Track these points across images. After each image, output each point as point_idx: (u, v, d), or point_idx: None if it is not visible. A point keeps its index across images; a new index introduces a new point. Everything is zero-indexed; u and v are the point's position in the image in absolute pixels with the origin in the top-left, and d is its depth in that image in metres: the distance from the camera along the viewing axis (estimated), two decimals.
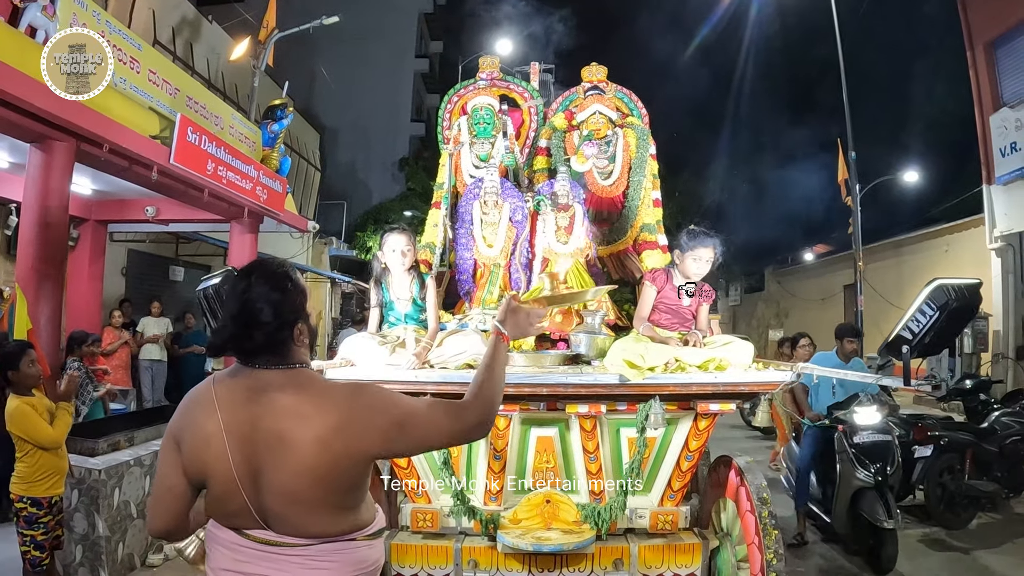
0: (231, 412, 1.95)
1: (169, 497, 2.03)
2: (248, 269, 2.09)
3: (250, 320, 1.98)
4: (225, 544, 1.99)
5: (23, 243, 6.76)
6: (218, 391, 2.00)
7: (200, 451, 1.96)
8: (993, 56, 16.56)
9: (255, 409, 1.94)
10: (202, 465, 1.96)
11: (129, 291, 13.92)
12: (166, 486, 2.04)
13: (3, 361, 4.63)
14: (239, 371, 2.05)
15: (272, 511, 1.93)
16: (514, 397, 3.97)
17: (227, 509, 1.97)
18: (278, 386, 1.98)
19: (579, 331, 4.57)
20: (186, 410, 2.06)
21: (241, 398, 1.96)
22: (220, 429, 1.93)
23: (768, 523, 3.87)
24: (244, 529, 1.97)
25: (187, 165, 7.93)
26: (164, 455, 2.06)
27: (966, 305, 3.17)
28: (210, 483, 1.98)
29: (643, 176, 5.65)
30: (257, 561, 1.95)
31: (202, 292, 3.60)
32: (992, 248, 16.56)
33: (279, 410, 1.93)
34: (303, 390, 1.98)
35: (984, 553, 6.95)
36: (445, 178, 5.87)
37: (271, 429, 1.91)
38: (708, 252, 4.57)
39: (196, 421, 1.99)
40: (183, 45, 17.79)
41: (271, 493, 1.92)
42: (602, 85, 6.02)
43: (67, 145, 6.69)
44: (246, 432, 1.92)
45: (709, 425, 4.19)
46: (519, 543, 3.96)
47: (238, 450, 1.91)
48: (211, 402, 1.98)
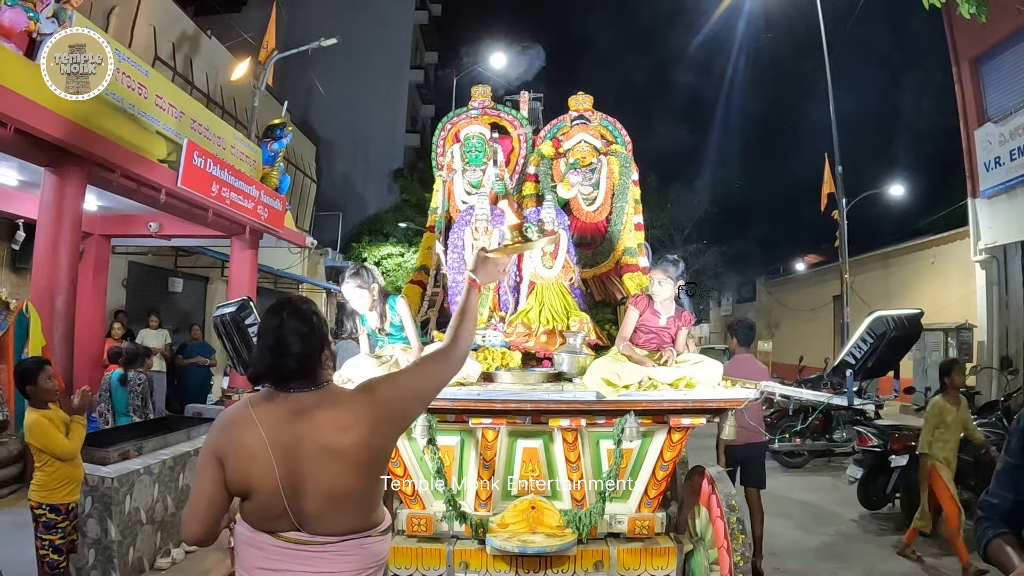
0: (274, 432, 2.24)
1: (209, 508, 2.29)
2: (278, 307, 2.40)
3: (284, 351, 2.30)
4: (258, 545, 2.27)
5: (38, 262, 6.98)
6: (258, 413, 2.28)
7: (246, 467, 2.23)
8: (978, 72, 16.74)
9: (296, 429, 2.24)
10: (247, 479, 2.24)
11: (129, 302, 14.13)
12: (207, 498, 2.29)
13: (22, 376, 4.86)
14: (274, 395, 2.34)
15: (309, 514, 2.23)
16: (502, 411, 4.28)
17: (267, 515, 2.25)
18: (313, 406, 2.29)
19: (562, 351, 4.87)
20: (225, 430, 2.32)
21: (283, 419, 2.26)
22: (266, 447, 2.21)
23: (736, 528, 4.17)
24: (279, 532, 2.26)
25: (193, 188, 8.21)
26: (204, 470, 2.30)
27: (906, 334, 3.50)
28: (254, 494, 2.25)
29: (625, 202, 5.95)
30: (289, 559, 2.24)
31: (219, 319, 3.89)
32: (977, 260, 16.73)
33: (320, 427, 2.24)
34: (336, 405, 2.30)
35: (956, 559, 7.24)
36: (439, 203, 6.18)
37: (316, 443, 2.22)
38: (669, 274, 4.79)
39: (239, 440, 2.26)
40: (183, 60, 18.03)
41: (312, 498, 2.22)
42: (588, 114, 6.32)
43: (80, 169, 6.94)
44: (291, 449, 2.22)
45: (682, 438, 4.49)
46: (506, 546, 4.25)
47: (283, 464, 2.20)
48: (253, 423, 2.26)
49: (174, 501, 6.51)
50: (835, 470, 11.46)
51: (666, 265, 4.79)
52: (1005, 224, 15.72)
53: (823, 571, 7.07)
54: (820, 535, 8.25)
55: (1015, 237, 15.55)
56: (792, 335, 31.20)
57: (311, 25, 29.57)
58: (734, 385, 4.51)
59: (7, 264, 10.43)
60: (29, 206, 9.21)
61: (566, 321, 5.16)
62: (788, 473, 11.75)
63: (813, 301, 29.02)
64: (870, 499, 8.90)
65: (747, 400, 4.30)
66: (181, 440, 7.41)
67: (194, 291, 17.96)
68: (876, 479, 8.73)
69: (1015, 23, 11.85)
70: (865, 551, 7.72)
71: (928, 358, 18.72)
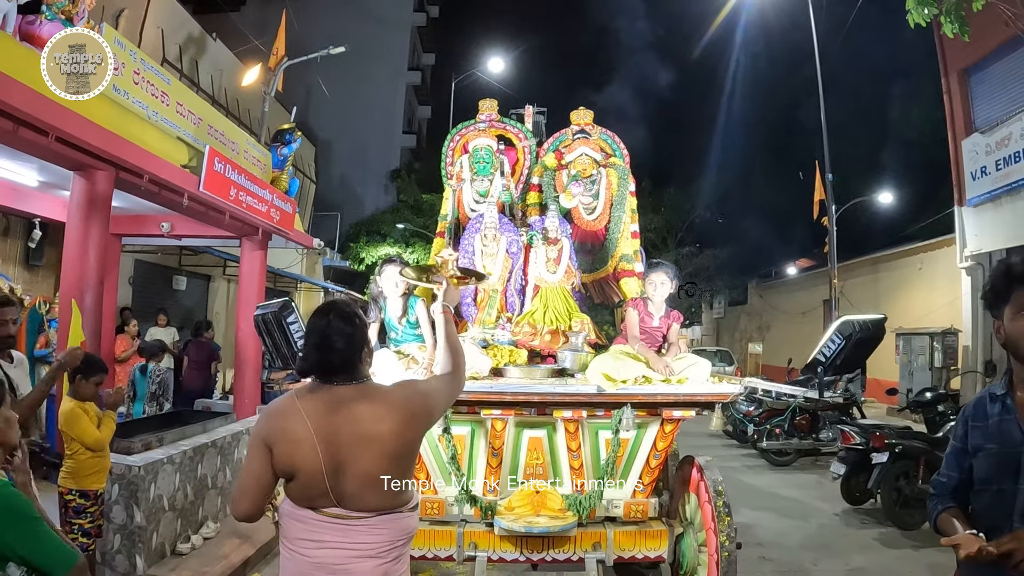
0: (318, 421, 2.55)
1: (257, 487, 2.60)
2: (325, 309, 2.75)
3: (330, 349, 2.65)
4: (301, 519, 2.60)
5: (67, 263, 7.27)
6: (303, 404, 2.60)
7: (293, 451, 2.54)
8: (966, 83, 17.03)
9: (337, 419, 2.57)
10: (292, 462, 2.55)
11: (135, 300, 14.30)
12: (255, 478, 2.60)
13: (85, 366, 5.03)
14: (318, 388, 2.67)
15: (348, 493, 2.56)
16: (511, 403, 4.70)
17: (309, 494, 2.57)
18: (353, 399, 2.63)
19: (564, 349, 5.31)
20: (273, 419, 2.64)
21: (325, 410, 2.58)
22: (311, 434, 2.53)
23: (722, 511, 4.59)
24: (320, 508, 2.58)
25: (214, 192, 8.58)
26: (253, 454, 2.61)
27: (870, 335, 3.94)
28: (299, 475, 2.56)
29: (623, 212, 6.33)
30: (328, 531, 2.57)
31: (260, 317, 4.28)
32: (963, 267, 17.01)
33: (360, 418, 2.58)
34: (374, 399, 2.65)
35: (933, 551, 7.52)
36: (449, 210, 6.58)
37: (355, 432, 2.56)
38: (661, 277, 5.27)
39: (286, 428, 2.57)
40: (189, 62, 18.30)
41: (351, 479, 2.55)
42: (588, 128, 6.72)
43: (107, 174, 7.28)
44: (332, 436, 2.54)
45: (673, 429, 4.91)
46: (513, 527, 4.64)
47: (325, 449, 2.52)
48: (299, 413, 2.57)
49: (193, 490, 6.79)
50: (821, 468, 11.74)
51: (666, 268, 5.25)
52: (990, 232, 16.01)
53: (806, 560, 7.40)
54: (804, 528, 8.61)
55: (1000, 245, 15.71)
56: (782, 338, 31.44)
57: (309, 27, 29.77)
58: (720, 381, 4.94)
59: (22, 261, 10.70)
60: (47, 206, 9.56)
61: (568, 322, 5.56)
62: (776, 470, 12.11)
63: (803, 305, 29.27)
64: (853, 495, 9.22)
65: (732, 394, 4.75)
66: (197, 432, 7.76)
67: (197, 289, 18.18)
68: (858, 476, 9.04)
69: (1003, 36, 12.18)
70: (846, 543, 8.08)
71: (914, 362, 19.07)
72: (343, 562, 2.56)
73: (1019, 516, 2.38)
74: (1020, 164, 14.56)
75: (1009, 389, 2.49)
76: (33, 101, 6.13)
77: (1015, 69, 15.19)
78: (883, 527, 8.58)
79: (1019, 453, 2.40)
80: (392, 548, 2.65)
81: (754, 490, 10.55)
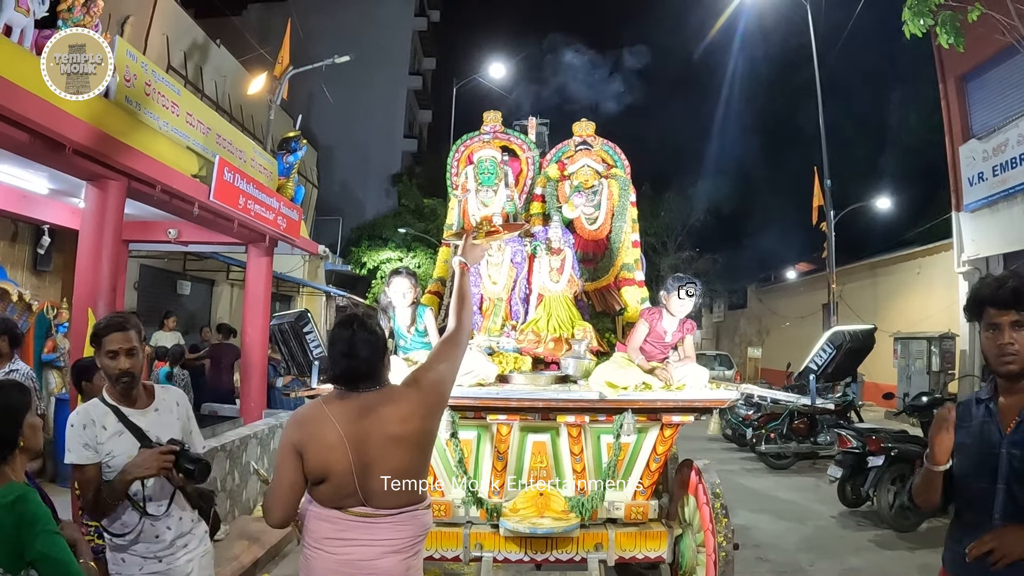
0: (347, 426, 2.71)
1: (290, 493, 2.77)
2: (348, 321, 2.88)
3: (355, 356, 2.79)
4: (328, 519, 2.75)
5: (80, 271, 7.37)
6: (331, 411, 2.76)
7: (324, 456, 2.69)
8: (964, 90, 17.21)
9: (365, 423, 2.73)
10: (325, 466, 2.70)
11: (140, 304, 14.35)
12: (288, 484, 2.76)
13: (80, 373, 5.17)
14: (345, 395, 2.82)
15: (375, 492, 2.72)
16: (516, 409, 4.87)
17: (340, 494, 2.72)
18: (378, 403, 2.79)
19: (568, 356, 5.45)
20: (302, 425, 2.79)
21: (353, 415, 2.74)
22: (341, 439, 2.69)
23: (719, 513, 4.75)
24: (347, 508, 2.74)
25: (224, 201, 8.72)
26: (285, 461, 2.76)
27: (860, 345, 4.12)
28: (330, 478, 2.70)
29: (624, 222, 6.48)
30: (355, 529, 2.73)
31: (278, 327, 4.45)
32: (960, 272, 17.12)
33: (386, 421, 2.75)
34: (395, 401, 2.82)
35: (927, 552, 7.72)
36: (454, 220, 6.74)
37: (383, 434, 2.73)
38: (692, 295, 5.32)
39: (316, 434, 2.73)
40: (193, 69, 18.42)
41: (379, 478, 2.72)
42: (590, 140, 6.85)
43: (120, 184, 7.42)
44: (361, 439, 2.71)
45: (673, 433, 5.06)
46: (518, 528, 4.80)
47: (355, 452, 2.69)
48: (328, 419, 2.73)
49: None
50: (819, 471, 11.91)
51: (694, 286, 5.32)
52: (987, 237, 16.15)
53: (802, 561, 7.56)
54: (801, 530, 8.77)
55: (997, 250, 15.91)
56: (782, 342, 31.50)
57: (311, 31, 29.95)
58: (718, 387, 5.11)
59: (30, 267, 10.82)
60: (56, 213, 9.68)
61: (571, 330, 5.69)
62: (774, 474, 12.28)
63: (803, 309, 29.39)
64: (849, 497, 9.38)
65: (729, 400, 4.93)
66: (208, 437, 7.92)
67: (201, 294, 18.31)
68: (855, 479, 9.19)
69: (999, 44, 12.31)
70: (842, 544, 8.25)
71: (912, 366, 19.17)
72: (371, 558, 2.72)
73: (1000, 514, 2.55)
74: (1017, 170, 14.65)
75: (993, 394, 2.66)
76: (50, 113, 6.26)
77: (1012, 76, 15.28)
78: (879, 529, 8.72)
79: (997, 454, 2.57)
80: (414, 543, 2.83)
81: (752, 492, 10.70)
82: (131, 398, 3.38)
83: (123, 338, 3.26)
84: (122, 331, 3.28)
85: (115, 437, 3.25)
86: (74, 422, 3.24)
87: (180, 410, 3.56)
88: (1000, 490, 2.56)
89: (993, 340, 2.59)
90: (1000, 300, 2.57)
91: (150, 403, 3.45)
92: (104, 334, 3.28)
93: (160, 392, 3.56)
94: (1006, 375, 2.61)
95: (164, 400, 3.52)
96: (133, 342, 3.30)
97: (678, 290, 5.28)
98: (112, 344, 3.27)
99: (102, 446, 3.23)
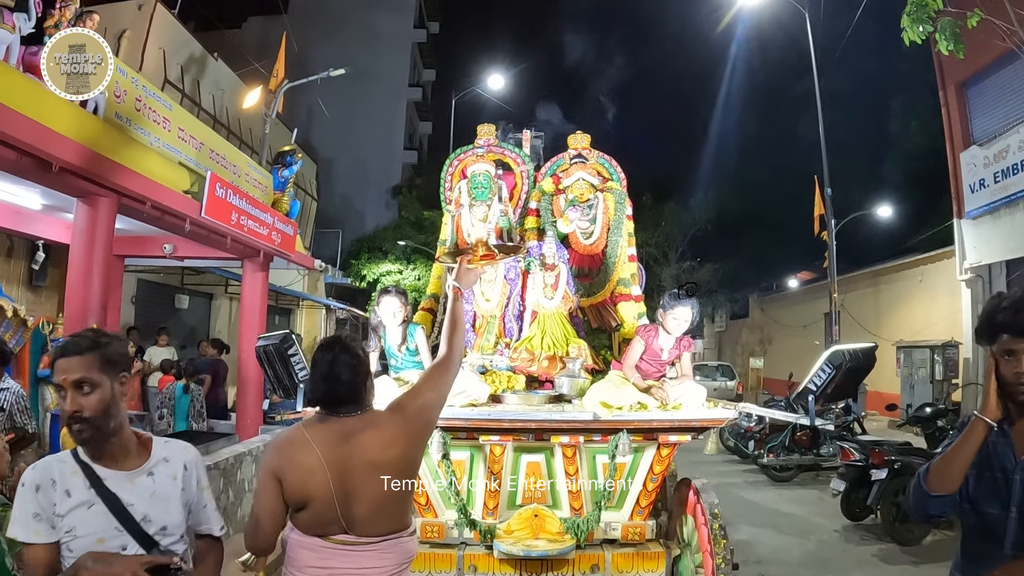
0: (328, 451, 2.63)
1: (271, 519, 2.68)
2: (330, 344, 2.83)
3: (336, 380, 2.73)
4: (309, 547, 2.67)
5: (71, 287, 7.33)
6: (312, 435, 2.68)
7: (305, 482, 2.62)
8: (964, 96, 17.19)
9: (346, 448, 2.66)
10: (305, 492, 2.62)
11: (137, 319, 14.41)
12: (269, 511, 2.67)
13: None
14: (326, 419, 2.76)
15: (358, 519, 2.64)
16: (509, 429, 4.75)
17: (320, 521, 2.64)
18: (360, 428, 2.72)
19: (562, 375, 5.32)
20: (282, 450, 2.72)
21: (335, 440, 2.67)
22: (322, 464, 2.61)
23: (718, 534, 4.65)
24: (329, 535, 2.66)
25: (215, 217, 8.67)
26: (265, 487, 2.68)
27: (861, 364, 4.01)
28: (311, 504, 2.63)
29: (620, 236, 6.39)
30: (337, 557, 2.65)
31: (262, 348, 4.35)
32: (962, 279, 17.09)
33: (367, 447, 2.67)
34: (378, 427, 2.75)
35: (932, 566, 7.65)
36: (448, 235, 6.64)
37: (365, 460, 2.65)
38: (686, 313, 5.22)
39: (296, 459, 2.65)
40: (191, 83, 18.41)
41: (361, 505, 2.64)
42: (585, 153, 6.78)
43: (110, 200, 7.36)
44: (343, 465, 2.63)
45: (670, 453, 4.96)
46: (512, 550, 4.69)
47: (336, 478, 2.60)
48: (308, 443, 2.65)
49: None
50: (822, 483, 11.81)
51: (691, 305, 5.22)
52: (989, 244, 16.11)
53: None
54: (804, 544, 8.65)
55: (999, 257, 15.91)
56: (784, 352, 31.43)
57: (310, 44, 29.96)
58: (716, 406, 5.01)
59: (25, 282, 10.81)
60: (50, 228, 9.65)
61: (566, 348, 5.59)
62: (777, 486, 12.17)
63: (805, 318, 29.24)
64: (852, 511, 9.26)
65: (727, 419, 4.83)
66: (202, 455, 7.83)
67: (199, 308, 18.29)
68: (858, 492, 9.09)
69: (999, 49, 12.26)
70: (845, 559, 8.13)
71: (915, 375, 19.08)
72: None
73: (1010, 544, 2.43)
74: (1018, 176, 14.65)
75: (1007, 415, 2.55)
76: (36, 132, 6.23)
77: (1012, 82, 15.31)
78: (882, 543, 8.61)
79: (1010, 480, 2.46)
80: (398, 572, 2.75)
81: (755, 506, 10.59)
82: (108, 454, 2.43)
83: (71, 365, 2.35)
84: (72, 356, 2.36)
85: (80, 509, 2.34)
86: (27, 480, 2.36)
87: (187, 476, 2.60)
88: (1012, 518, 2.44)
89: (1010, 368, 2.47)
90: (1018, 327, 2.45)
91: (142, 462, 2.50)
92: (54, 358, 2.40)
93: (160, 448, 2.58)
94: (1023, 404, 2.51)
95: (165, 460, 2.55)
96: (85, 372, 2.35)
97: (674, 308, 5.20)
98: (58, 374, 2.37)
99: (61, 519, 2.32)
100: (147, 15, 15.96)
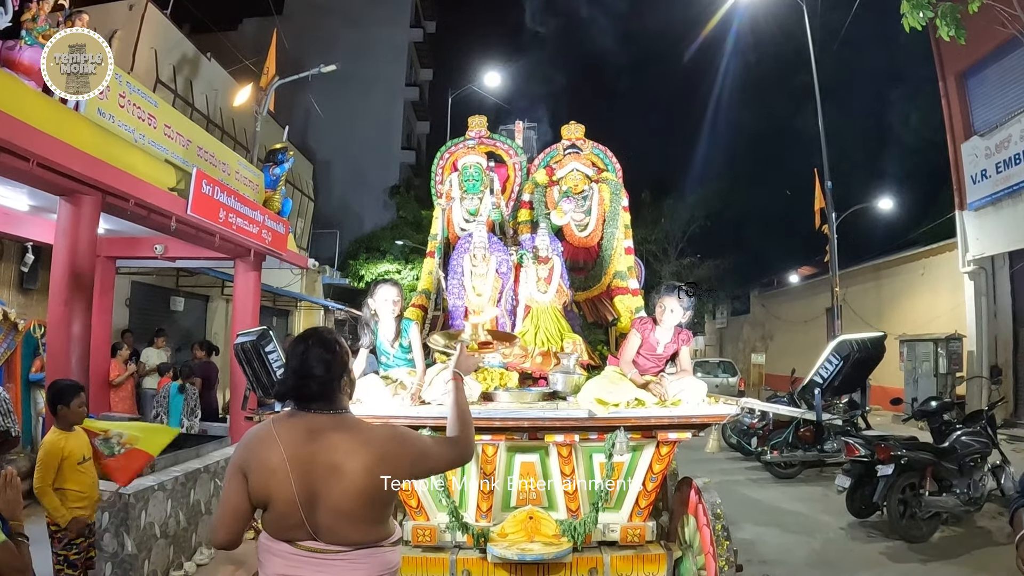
0: (292, 448, 2.48)
1: (234, 517, 2.54)
2: (305, 336, 2.69)
3: (308, 374, 2.58)
4: (278, 553, 2.52)
5: (54, 286, 7.17)
6: (278, 431, 2.54)
7: (267, 480, 2.47)
8: (964, 86, 17.05)
9: (312, 447, 2.49)
10: (267, 491, 2.48)
11: (132, 321, 14.28)
12: (232, 507, 2.54)
13: (57, 396, 4.94)
14: (295, 415, 2.60)
15: (323, 525, 2.47)
16: (501, 428, 4.58)
17: (285, 524, 2.49)
18: (330, 428, 2.55)
19: (556, 371, 5.14)
20: (250, 446, 2.58)
21: (300, 438, 2.51)
22: (284, 462, 2.46)
23: (721, 535, 4.48)
24: (296, 541, 2.50)
25: (202, 215, 8.51)
26: (230, 483, 2.55)
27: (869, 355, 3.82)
28: (273, 504, 2.49)
29: (616, 228, 6.22)
30: (305, 565, 2.49)
31: (240, 346, 4.19)
32: (965, 271, 16.95)
33: (333, 447, 2.49)
34: (351, 431, 2.56)
35: (940, 564, 7.45)
36: (438, 230, 6.45)
37: (327, 462, 2.47)
38: (673, 304, 5.07)
39: (261, 455, 2.50)
40: (183, 83, 18.28)
41: (324, 511, 2.47)
42: (579, 143, 6.63)
43: (94, 199, 7.19)
44: (306, 464, 2.47)
45: (669, 451, 4.79)
46: (506, 554, 4.53)
47: (299, 478, 2.45)
48: (274, 440, 2.51)
49: (186, 516, 6.70)
50: (826, 480, 11.64)
51: (682, 294, 5.07)
52: (992, 235, 15.98)
53: None
54: (809, 543, 8.46)
55: (1002, 248, 15.78)
56: (786, 347, 31.28)
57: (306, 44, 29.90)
58: (717, 401, 4.82)
59: (15, 285, 10.68)
60: (39, 230, 9.49)
61: (560, 343, 5.44)
62: (781, 483, 11.99)
63: (806, 313, 29.13)
64: (858, 508, 9.06)
65: (728, 415, 4.63)
66: (191, 457, 7.64)
67: (195, 310, 18.17)
68: (864, 488, 8.90)
69: (1000, 38, 12.11)
70: (851, 558, 7.94)
71: (919, 368, 18.92)
72: None
73: None
74: (1020, 166, 14.56)
75: None
76: (12, 127, 6.05)
77: (1013, 70, 15.21)
78: (889, 541, 8.42)
79: None
80: None
81: (758, 504, 10.42)
82: None
83: None
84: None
85: None
86: None
87: None
88: None
89: None
90: None
91: None
92: None
93: None
94: None
95: None
96: None
97: (663, 298, 5.07)
98: None
99: None
100: (138, 15, 15.88)
